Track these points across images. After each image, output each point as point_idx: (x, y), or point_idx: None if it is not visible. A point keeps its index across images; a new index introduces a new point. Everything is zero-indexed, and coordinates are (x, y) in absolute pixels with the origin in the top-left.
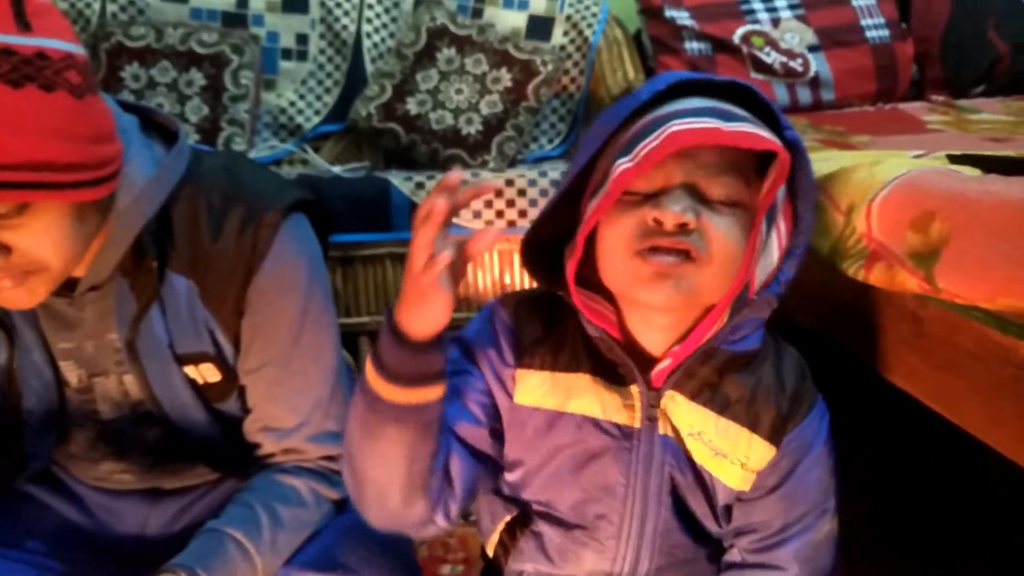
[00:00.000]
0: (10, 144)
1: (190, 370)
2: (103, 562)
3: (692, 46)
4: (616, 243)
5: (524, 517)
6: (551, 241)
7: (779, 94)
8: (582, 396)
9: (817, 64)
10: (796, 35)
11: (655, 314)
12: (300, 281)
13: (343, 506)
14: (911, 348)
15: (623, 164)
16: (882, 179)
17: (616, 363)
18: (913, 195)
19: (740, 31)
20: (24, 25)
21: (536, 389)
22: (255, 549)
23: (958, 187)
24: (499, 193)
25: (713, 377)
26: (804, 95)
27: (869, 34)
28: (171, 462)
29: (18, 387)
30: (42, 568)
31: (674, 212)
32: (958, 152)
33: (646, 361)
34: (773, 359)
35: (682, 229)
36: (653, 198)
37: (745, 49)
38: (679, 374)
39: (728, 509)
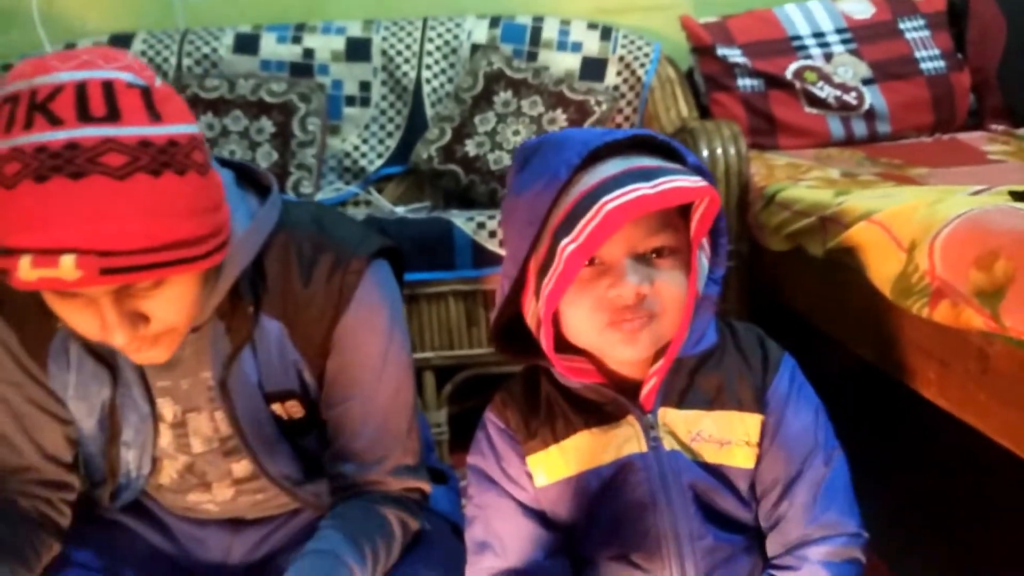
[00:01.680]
0: (154, 229)
1: (277, 407)
2: None
3: (745, 83)
4: (582, 322)
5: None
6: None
7: (834, 128)
8: (589, 451)
9: (872, 97)
10: (849, 68)
11: None
12: (383, 323)
13: (417, 536)
14: (979, 385)
15: (569, 246)
16: (944, 217)
17: (605, 403)
18: (976, 233)
19: (792, 67)
20: (155, 116)
21: (550, 466)
22: None
23: (1022, 226)
24: None
25: (689, 381)
26: (859, 128)
27: (924, 66)
28: (254, 493)
29: (118, 421)
30: None
31: (632, 286)
32: (1020, 188)
33: (634, 389)
34: (732, 342)
35: (639, 298)
36: (604, 271)
37: (798, 84)
38: (661, 391)
39: (753, 491)
